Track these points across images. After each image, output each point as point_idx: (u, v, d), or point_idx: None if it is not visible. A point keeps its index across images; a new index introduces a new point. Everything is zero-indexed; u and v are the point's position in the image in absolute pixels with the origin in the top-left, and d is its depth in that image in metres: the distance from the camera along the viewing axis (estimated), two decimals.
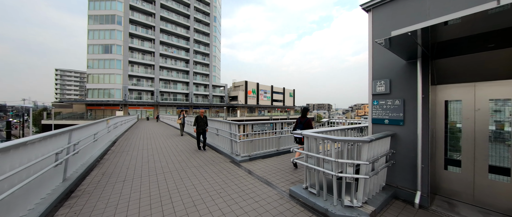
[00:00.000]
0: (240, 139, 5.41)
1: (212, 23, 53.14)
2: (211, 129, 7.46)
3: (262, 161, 5.33)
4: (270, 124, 5.91)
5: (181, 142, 8.68)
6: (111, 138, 8.34)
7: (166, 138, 9.75)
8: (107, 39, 36.39)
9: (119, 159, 5.68)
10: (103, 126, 6.73)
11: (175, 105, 44.89)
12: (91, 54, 36.28)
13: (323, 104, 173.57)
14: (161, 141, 8.86)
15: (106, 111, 36.49)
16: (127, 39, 37.88)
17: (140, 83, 40.59)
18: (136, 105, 39.20)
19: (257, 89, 60.10)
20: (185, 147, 7.52)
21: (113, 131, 9.03)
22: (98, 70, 36.36)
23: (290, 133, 6.59)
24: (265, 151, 5.91)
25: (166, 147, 7.61)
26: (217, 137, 6.94)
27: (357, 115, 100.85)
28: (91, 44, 36.20)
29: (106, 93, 36.69)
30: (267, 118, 55.51)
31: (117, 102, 35.85)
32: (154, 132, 12.04)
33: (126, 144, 8.13)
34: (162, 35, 43.37)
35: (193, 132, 7.29)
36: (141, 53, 40.89)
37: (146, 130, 13.35)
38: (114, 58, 36.47)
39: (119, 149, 6.97)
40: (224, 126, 6.34)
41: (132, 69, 39.18)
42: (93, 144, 5.43)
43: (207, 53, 52.36)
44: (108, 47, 36.37)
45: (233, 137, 5.61)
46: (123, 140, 9.18)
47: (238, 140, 5.39)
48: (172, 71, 46.01)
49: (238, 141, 5.39)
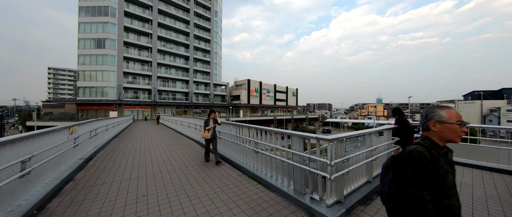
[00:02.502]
0: (333, 176, 2.53)
1: (213, 18, 50.32)
2: (242, 140, 4.80)
3: (365, 212, 2.70)
4: (363, 137, 3.14)
5: (216, 181, 3.81)
6: (83, 154, 5.58)
7: (177, 161, 5.29)
8: (99, 32, 33.38)
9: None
10: (60, 138, 3.99)
11: (174, 105, 42.00)
12: (82, 49, 33.24)
13: (324, 104, 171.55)
14: (169, 168, 4.82)
15: (99, 111, 33.51)
16: (122, 33, 34.90)
17: (136, 81, 37.63)
18: (132, 105, 36.25)
19: (260, 88, 57.48)
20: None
21: (91, 141, 6.29)
22: (90, 67, 33.34)
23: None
24: (355, 185, 3.24)
25: (183, 187, 4.13)
26: (254, 156, 4.25)
27: (361, 115, 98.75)
28: (82, 38, 33.16)
29: (99, 91, 33.69)
30: (270, 118, 52.91)
31: (110, 102, 32.88)
32: (154, 143, 9.27)
33: (105, 167, 5.39)
34: (160, 30, 40.44)
35: (203, 140, 4.51)
36: (137, 49, 37.93)
37: (142, 137, 10.57)
38: (107, 53, 33.47)
39: (88, 183, 4.23)
40: (296, 143, 3.13)
41: (127, 66, 36.21)
42: (19, 182, 2.72)
43: (208, 49, 49.51)
44: (101, 42, 33.36)
45: (313, 166, 2.84)
46: (104, 155, 6.43)
47: (330, 176, 2.52)
48: (171, 69, 43.11)
49: (330, 176, 2.51)
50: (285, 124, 59.31)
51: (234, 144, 5.04)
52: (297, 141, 3.11)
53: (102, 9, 33.42)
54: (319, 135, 2.75)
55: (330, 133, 63.72)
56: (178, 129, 12.42)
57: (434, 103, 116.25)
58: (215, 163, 4.94)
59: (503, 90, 64.22)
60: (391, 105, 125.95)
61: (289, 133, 3.19)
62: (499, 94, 62.89)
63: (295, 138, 3.15)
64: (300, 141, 3.09)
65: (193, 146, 7.41)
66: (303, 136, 3.01)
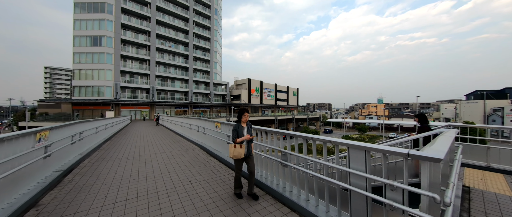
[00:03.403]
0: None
1: (213, 16, 49.20)
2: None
3: None
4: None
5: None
6: (61, 165, 4.53)
7: (179, 174, 4.21)
8: (96, 30, 32.17)
9: None
10: (19, 148, 2.94)
11: (173, 105, 40.86)
12: (78, 47, 32.02)
13: (324, 104, 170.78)
14: (169, 186, 3.65)
15: (95, 111, 32.33)
16: (119, 30, 33.71)
17: (134, 80, 36.46)
18: (130, 105, 35.08)
19: (260, 87, 56.45)
20: None
21: (74, 148, 5.23)
22: (86, 65, 32.13)
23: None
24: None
25: None
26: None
27: (361, 115, 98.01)
28: (78, 35, 31.94)
29: (95, 91, 32.49)
30: (272, 118, 51.93)
31: (107, 101, 31.71)
32: (151, 147, 8.20)
33: (85, 184, 4.34)
34: (158, 28, 39.27)
35: (229, 157, 3.07)
36: (135, 47, 36.75)
37: (137, 141, 9.52)
38: (104, 51, 32.28)
39: (56, 211, 3.18)
40: (356, 158, 2.39)
41: (124, 64, 35.03)
42: None
43: (208, 48, 48.39)
44: (97, 39, 32.16)
45: (394, 198, 1.78)
46: (90, 164, 5.38)
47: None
48: (170, 67, 41.97)
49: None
50: (286, 124, 58.36)
51: (273, 162, 3.38)
52: (357, 155, 2.09)
53: (98, 5, 32.21)
54: (414, 152, 1.70)
55: (332, 133, 62.86)
56: (179, 131, 11.37)
57: (434, 103, 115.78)
58: (249, 196, 3.13)
59: (506, 90, 63.65)
60: (391, 105, 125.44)
61: (348, 144, 2.16)
62: (502, 93, 62.30)
63: (354, 152, 2.12)
64: (359, 154, 2.06)
65: (196, 153, 6.36)
66: (376, 149, 1.95)
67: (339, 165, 2.26)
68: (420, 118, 4.52)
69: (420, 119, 4.52)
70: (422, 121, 4.48)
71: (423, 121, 4.47)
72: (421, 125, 4.45)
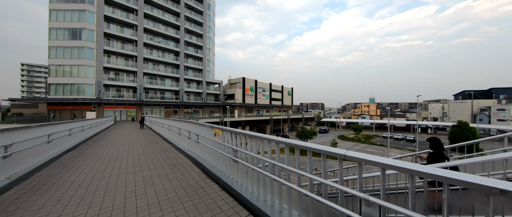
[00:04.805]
0: None
1: (206, 12, 46.92)
2: None
3: None
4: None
5: None
6: None
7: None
8: (75, 22, 29.13)
9: None
10: None
11: (162, 104, 38.30)
12: (54, 41, 28.83)
13: (317, 104, 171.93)
14: None
15: (74, 111, 29.31)
16: (102, 23, 30.81)
17: (120, 78, 33.62)
18: (114, 104, 32.25)
19: (255, 86, 54.84)
20: None
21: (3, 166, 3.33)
22: (64, 61, 29.01)
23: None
24: None
25: None
26: None
27: (354, 114, 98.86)
28: (54, 27, 28.75)
29: (74, 89, 29.44)
30: (267, 118, 50.45)
31: (88, 101, 28.80)
32: (125, 160, 6.29)
33: None
34: (146, 22, 36.57)
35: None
36: (121, 41, 33.90)
37: (111, 149, 7.60)
38: (84, 45, 29.30)
39: None
40: None
41: (108, 60, 32.16)
42: None
43: (200, 45, 46.08)
44: (77, 32, 29.13)
45: None
46: (12, 199, 3.50)
47: None
48: (159, 65, 39.33)
49: None
50: (282, 124, 57.09)
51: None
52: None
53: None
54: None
55: (328, 132, 62.33)
56: (166, 136, 9.47)
57: (421, 103, 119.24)
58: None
59: (492, 90, 65.99)
60: (381, 105, 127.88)
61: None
62: (489, 93, 64.49)
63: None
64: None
65: (186, 171, 4.59)
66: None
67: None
68: (432, 143, 3.64)
69: (432, 144, 3.63)
70: (434, 147, 3.59)
71: (437, 147, 3.57)
72: (433, 151, 3.59)
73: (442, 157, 3.44)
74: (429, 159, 3.55)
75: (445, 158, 3.44)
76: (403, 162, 1.32)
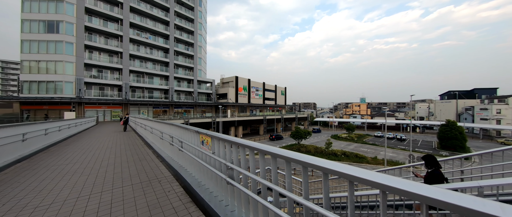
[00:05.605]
0: None
1: (197, 8, 45.18)
2: None
3: None
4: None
5: None
6: None
7: None
8: (51, 13, 26.64)
9: None
10: None
11: (151, 104, 36.26)
12: (27, 34, 26.20)
13: (309, 103, 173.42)
14: None
15: (51, 111, 26.84)
16: (83, 15, 28.45)
17: (103, 75, 31.33)
18: (97, 104, 29.96)
19: (248, 86, 53.71)
20: None
21: None
22: (38, 56, 26.45)
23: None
24: None
25: None
26: None
27: (346, 114, 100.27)
28: (27, 19, 26.11)
29: (51, 87, 26.95)
30: (260, 118, 49.49)
31: (67, 100, 26.44)
32: (90, 177, 5.02)
33: None
34: (133, 16, 34.41)
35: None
36: (104, 36, 31.58)
37: (73, 168, 6.30)
38: (62, 39, 26.88)
39: None
40: None
41: (90, 56, 29.80)
42: None
43: (191, 42, 44.26)
44: (53, 25, 26.65)
45: None
46: None
47: None
48: (147, 62, 37.23)
49: None
50: (275, 124, 56.38)
51: None
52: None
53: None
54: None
55: (320, 132, 62.41)
56: (149, 140, 8.21)
57: (408, 103, 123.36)
58: None
59: (475, 90, 68.86)
60: (371, 104, 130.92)
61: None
62: (472, 93, 67.27)
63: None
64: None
65: (165, 189, 3.46)
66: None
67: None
68: (427, 161, 3.42)
69: (427, 162, 3.42)
70: (431, 165, 3.37)
71: (432, 164, 3.37)
72: (430, 170, 3.36)
73: (441, 177, 3.22)
74: (427, 179, 3.34)
75: (443, 179, 3.21)
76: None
